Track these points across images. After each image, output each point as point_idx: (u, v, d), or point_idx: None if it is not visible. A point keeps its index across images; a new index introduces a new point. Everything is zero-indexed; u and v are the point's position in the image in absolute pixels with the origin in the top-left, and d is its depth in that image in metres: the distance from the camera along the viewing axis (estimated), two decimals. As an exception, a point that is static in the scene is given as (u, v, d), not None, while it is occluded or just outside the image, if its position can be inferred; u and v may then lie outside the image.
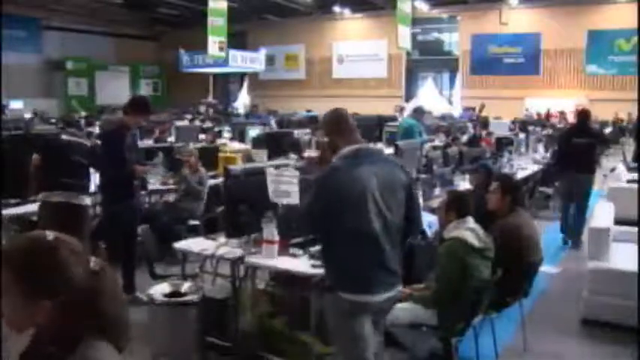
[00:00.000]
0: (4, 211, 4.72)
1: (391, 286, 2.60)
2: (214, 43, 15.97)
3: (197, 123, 13.82)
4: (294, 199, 3.46)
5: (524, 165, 8.44)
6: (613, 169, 10.79)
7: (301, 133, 10.58)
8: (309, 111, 19.00)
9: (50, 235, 1.20)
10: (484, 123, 14.04)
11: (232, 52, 18.38)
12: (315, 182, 2.58)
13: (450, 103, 21.26)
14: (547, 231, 7.21)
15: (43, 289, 1.15)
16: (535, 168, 8.66)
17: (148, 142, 8.86)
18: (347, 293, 2.51)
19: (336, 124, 2.65)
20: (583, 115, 6.92)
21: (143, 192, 5.67)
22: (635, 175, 8.12)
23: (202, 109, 21.59)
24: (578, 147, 6.50)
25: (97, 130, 10.65)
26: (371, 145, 2.74)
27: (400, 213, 2.60)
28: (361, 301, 2.52)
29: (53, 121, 15.41)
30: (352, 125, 2.66)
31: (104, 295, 1.19)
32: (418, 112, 8.92)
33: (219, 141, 9.75)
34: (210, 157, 7.11)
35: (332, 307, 2.61)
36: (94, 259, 1.22)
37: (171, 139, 9.63)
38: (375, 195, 2.50)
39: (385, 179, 2.55)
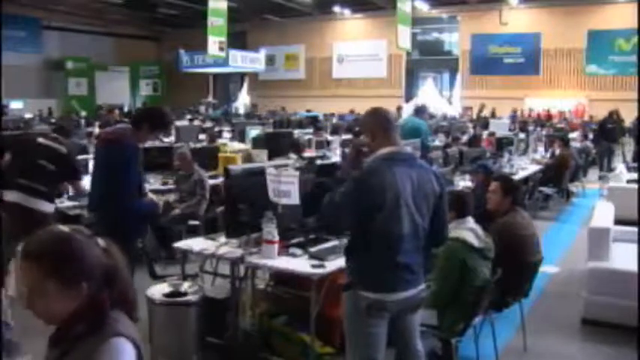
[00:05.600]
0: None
1: (412, 284, 2.59)
2: (214, 43, 15.97)
3: (197, 123, 13.82)
4: (294, 199, 3.46)
5: (524, 165, 8.45)
6: (613, 169, 10.80)
7: (301, 133, 10.59)
8: (309, 111, 19.01)
9: (63, 227, 1.37)
10: (484, 123, 14.08)
11: (232, 52, 18.40)
12: (353, 179, 2.57)
13: (450, 103, 21.26)
14: (547, 231, 7.23)
15: (78, 274, 1.29)
16: (535, 168, 8.68)
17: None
18: (367, 291, 2.53)
19: (381, 124, 2.65)
20: (610, 113, 13.57)
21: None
22: (635, 175, 8.13)
23: (202, 109, 21.63)
24: (609, 129, 12.84)
25: (96, 130, 10.67)
26: (408, 149, 2.73)
27: (428, 219, 2.61)
28: (380, 300, 2.53)
29: (53, 121, 15.43)
30: (395, 126, 2.69)
31: (118, 269, 1.37)
32: (421, 112, 8.84)
33: (219, 141, 9.76)
34: (210, 157, 7.11)
35: (350, 304, 2.62)
36: (101, 239, 1.38)
37: (172, 139, 9.63)
38: (409, 200, 2.52)
39: (420, 185, 2.57)
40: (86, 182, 4.44)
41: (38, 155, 4.40)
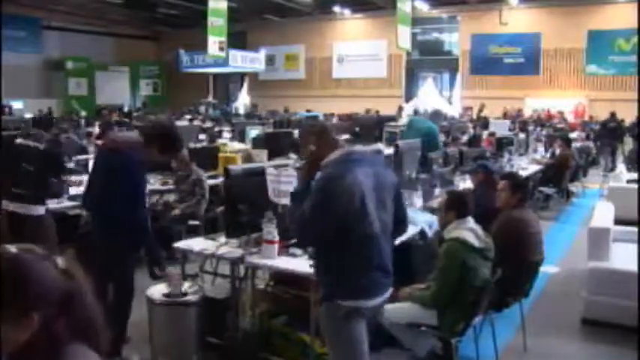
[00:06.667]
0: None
1: (386, 288, 2.63)
2: (214, 43, 15.99)
3: (197, 123, 13.82)
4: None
5: (525, 165, 8.45)
6: (613, 169, 10.80)
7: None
8: (309, 111, 19.00)
9: (10, 248, 1.13)
10: (484, 123, 14.08)
11: (232, 52, 18.41)
12: (317, 190, 2.52)
13: (450, 103, 21.25)
14: (547, 231, 7.23)
15: (26, 303, 1.08)
16: (535, 168, 8.67)
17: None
18: (344, 300, 2.52)
19: (319, 131, 2.73)
20: (612, 113, 14.42)
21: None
22: (635, 175, 8.13)
23: (202, 109, 21.62)
24: (612, 128, 13.88)
25: (96, 129, 10.68)
26: (358, 147, 2.76)
27: (392, 212, 2.64)
28: (358, 307, 2.53)
29: (53, 120, 15.42)
30: (331, 130, 2.81)
31: (79, 294, 1.15)
32: (436, 116, 8.86)
33: (219, 141, 9.75)
34: (210, 157, 7.11)
35: (328, 314, 2.60)
36: (60, 258, 1.16)
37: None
38: (372, 196, 2.52)
39: (379, 179, 2.58)
40: (83, 180, 4.41)
41: (19, 158, 4.35)
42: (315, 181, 2.58)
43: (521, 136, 10.57)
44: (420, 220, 4.49)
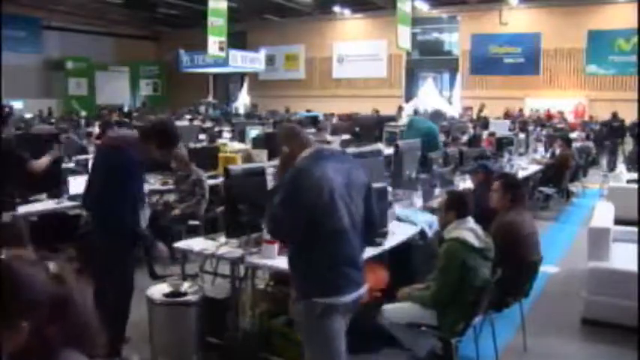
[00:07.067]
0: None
1: (360, 285, 2.63)
2: (214, 43, 15.99)
3: (197, 123, 13.82)
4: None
5: (525, 165, 8.45)
6: (613, 169, 10.80)
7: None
8: (309, 111, 18.99)
9: None
10: (484, 123, 14.07)
11: (232, 52, 18.41)
12: (285, 185, 2.59)
13: (450, 103, 21.25)
14: (547, 231, 7.23)
15: (15, 312, 1.05)
16: (535, 168, 8.67)
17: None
18: (319, 297, 2.53)
19: (292, 132, 2.84)
20: (614, 113, 15.05)
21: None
22: (635, 175, 8.13)
23: (202, 109, 21.62)
24: (615, 128, 14.37)
25: (96, 129, 10.68)
26: (328, 146, 2.84)
27: (362, 212, 2.66)
28: (333, 303, 2.53)
29: (53, 120, 15.44)
30: (304, 131, 2.91)
31: (71, 299, 1.12)
32: (436, 116, 8.85)
33: (219, 141, 9.75)
34: (210, 157, 7.11)
35: (304, 313, 2.61)
36: (52, 263, 1.14)
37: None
38: (343, 192, 2.56)
39: (349, 177, 2.62)
40: (82, 181, 4.38)
41: None
42: (285, 176, 2.65)
43: (521, 136, 10.57)
44: (420, 220, 4.49)
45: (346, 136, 10.90)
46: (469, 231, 3.32)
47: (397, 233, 4.16)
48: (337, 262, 2.55)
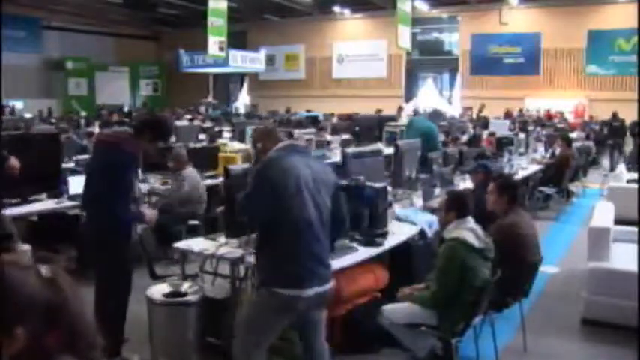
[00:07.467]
0: (5, 212, 4.71)
1: (324, 280, 2.65)
2: (214, 43, 15.98)
3: (197, 123, 13.82)
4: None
5: (525, 165, 8.45)
6: (612, 170, 10.80)
7: (301, 133, 10.57)
8: (309, 111, 18.99)
9: None
10: (484, 123, 14.08)
11: (232, 52, 18.40)
12: (254, 175, 2.73)
13: (450, 103, 21.25)
14: (547, 231, 7.23)
15: (11, 318, 1.03)
16: (535, 168, 8.67)
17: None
18: (280, 287, 2.56)
19: (265, 131, 3.03)
20: (614, 113, 14.82)
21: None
22: (635, 175, 8.13)
23: (202, 109, 21.61)
24: (615, 127, 14.27)
25: (96, 129, 10.68)
26: (302, 143, 2.97)
27: (329, 208, 2.71)
28: (293, 295, 2.56)
29: (53, 120, 15.43)
30: (279, 134, 3.01)
31: (66, 303, 1.09)
32: (435, 116, 8.85)
33: (219, 141, 9.75)
34: (210, 157, 7.11)
35: (261, 300, 2.68)
36: (45, 267, 1.10)
37: (172, 139, 9.62)
38: (309, 184, 2.62)
39: (317, 171, 2.71)
40: (82, 181, 4.38)
41: None
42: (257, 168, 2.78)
43: (521, 136, 10.57)
44: (420, 220, 4.49)
45: (346, 136, 10.89)
46: (469, 231, 3.32)
47: (397, 233, 4.16)
48: (302, 254, 2.58)
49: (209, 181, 6.55)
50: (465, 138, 9.99)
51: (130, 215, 3.56)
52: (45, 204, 5.30)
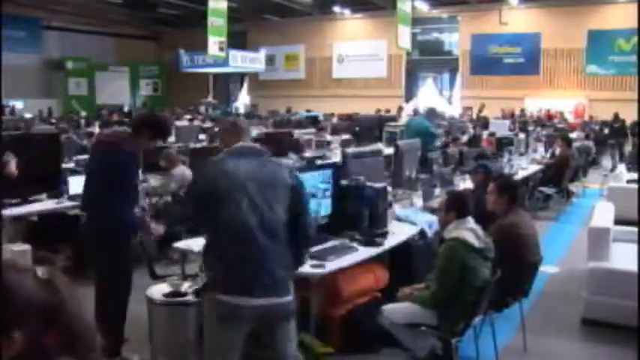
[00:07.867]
0: (5, 212, 4.71)
1: (274, 291, 2.45)
2: (214, 43, 15.99)
3: (197, 123, 13.82)
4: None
5: (525, 165, 8.45)
6: (613, 169, 10.81)
7: (301, 133, 10.59)
8: (309, 111, 19.00)
9: None
10: (484, 123, 14.08)
11: (232, 52, 18.42)
12: (195, 174, 2.77)
13: (450, 103, 21.26)
14: (547, 231, 7.23)
15: (9, 321, 1.02)
16: (535, 168, 8.67)
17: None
18: (223, 294, 2.43)
19: (228, 130, 2.87)
20: (615, 114, 15.00)
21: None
22: (635, 175, 8.13)
23: (202, 109, 21.62)
24: (616, 128, 14.41)
25: (96, 129, 10.68)
26: (258, 146, 2.83)
27: (282, 212, 2.53)
28: (238, 304, 2.41)
29: (53, 120, 15.44)
30: (245, 133, 2.82)
31: (63, 304, 1.08)
32: (432, 114, 8.83)
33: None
34: (210, 157, 7.09)
35: (207, 308, 2.58)
36: (41, 268, 1.09)
37: (172, 139, 9.63)
38: (250, 188, 2.48)
39: (265, 175, 2.55)
40: (82, 181, 4.38)
41: None
42: None
43: (521, 136, 10.57)
44: (420, 220, 4.49)
45: (346, 136, 10.89)
46: (469, 231, 3.32)
47: (397, 233, 4.16)
48: (241, 261, 2.45)
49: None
50: (465, 138, 9.99)
51: (131, 217, 3.54)
52: (45, 204, 5.30)
